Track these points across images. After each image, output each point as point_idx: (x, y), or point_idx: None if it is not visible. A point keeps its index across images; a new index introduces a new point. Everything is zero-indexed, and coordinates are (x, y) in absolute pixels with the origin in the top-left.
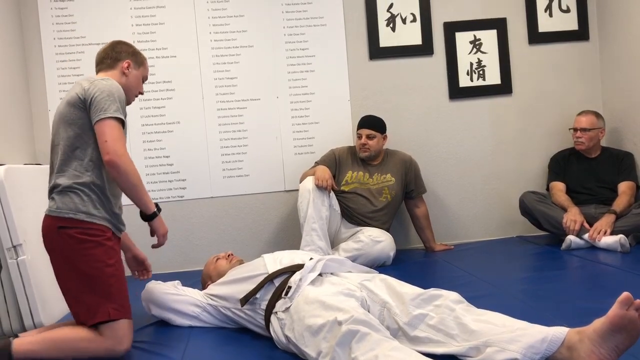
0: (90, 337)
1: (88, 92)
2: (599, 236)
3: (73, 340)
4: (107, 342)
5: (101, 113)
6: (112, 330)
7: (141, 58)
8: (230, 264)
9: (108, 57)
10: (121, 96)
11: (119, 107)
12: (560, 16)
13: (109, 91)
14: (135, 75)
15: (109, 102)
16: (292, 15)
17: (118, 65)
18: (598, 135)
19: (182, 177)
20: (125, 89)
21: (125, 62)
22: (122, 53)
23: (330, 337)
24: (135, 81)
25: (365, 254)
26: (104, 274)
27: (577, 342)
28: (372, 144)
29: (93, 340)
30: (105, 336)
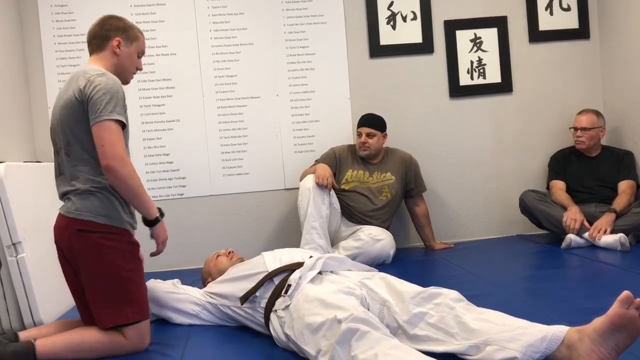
0: (114, 339)
1: (85, 91)
2: (599, 235)
3: (98, 343)
4: (130, 343)
5: (98, 115)
6: (135, 332)
7: (134, 33)
8: (230, 261)
9: (96, 36)
10: (120, 93)
11: (117, 107)
12: (561, 14)
13: (105, 89)
14: (128, 53)
15: (105, 102)
16: (292, 13)
17: (108, 45)
18: (598, 134)
19: (182, 175)
20: (119, 69)
21: (115, 40)
22: (110, 31)
23: (329, 335)
24: (129, 60)
25: (365, 252)
26: (123, 279)
27: (577, 341)
28: (372, 142)
29: (117, 343)
30: (128, 338)
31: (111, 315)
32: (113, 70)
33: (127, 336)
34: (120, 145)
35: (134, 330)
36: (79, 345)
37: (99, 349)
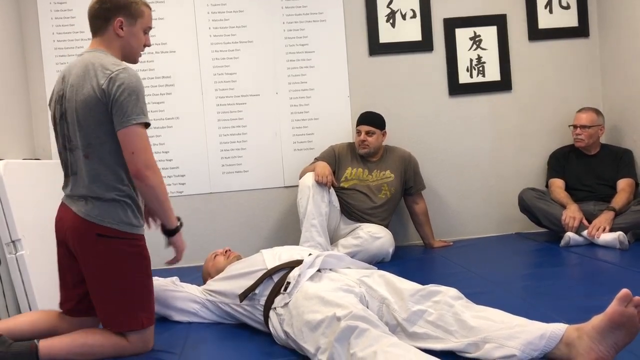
0: (117, 342)
1: (108, 91)
2: (597, 233)
3: (101, 346)
4: (135, 347)
5: (125, 119)
6: (141, 338)
7: (137, 8)
8: (228, 260)
9: (97, 16)
10: (143, 91)
11: (143, 108)
12: (561, 13)
13: (130, 89)
14: (133, 32)
15: (132, 104)
16: (291, 11)
17: (108, 26)
18: (598, 132)
19: (182, 172)
20: (126, 51)
21: (117, 20)
22: (110, 10)
23: (329, 332)
24: (135, 40)
25: (365, 250)
26: (142, 285)
27: (576, 339)
28: (372, 140)
29: (119, 346)
30: (132, 342)
31: (127, 320)
32: (120, 53)
33: (131, 340)
34: (150, 151)
35: (140, 336)
36: (82, 347)
37: (102, 351)
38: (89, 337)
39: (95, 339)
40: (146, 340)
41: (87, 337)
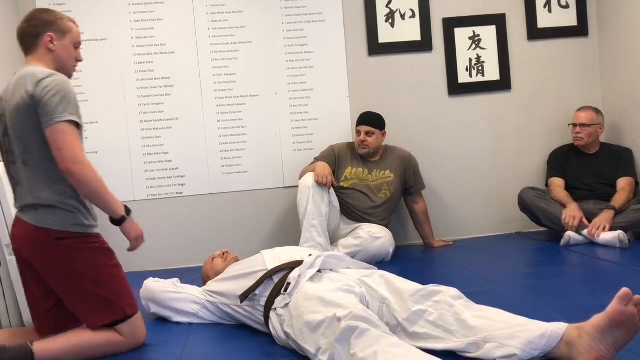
0: (110, 338)
1: (35, 95)
2: (597, 232)
3: (97, 345)
4: (129, 340)
5: (50, 118)
6: (130, 328)
7: (64, 25)
8: (226, 261)
9: (27, 34)
10: (72, 93)
11: (69, 107)
12: (560, 12)
13: (56, 90)
14: (63, 46)
15: (56, 103)
16: (290, 11)
17: (40, 42)
18: (597, 131)
19: (181, 173)
20: (59, 64)
21: (47, 35)
22: (39, 27)
23: (329, 333)
24: (66, 53)
25: (365, 250)
26: (112, 276)
27: (576, 338)
28: (371, 140)
29: (114, 341)
30: (125, 335)
31: (108, 311)
32: (53, 67)
33: (123, 333)
34: (78, 147)
35: (129, 326)
36: (78, 347)
37: (98, 349)
38: (83, 336)
39: (90, 337)
40: (136, 329)
41: (81, 336)
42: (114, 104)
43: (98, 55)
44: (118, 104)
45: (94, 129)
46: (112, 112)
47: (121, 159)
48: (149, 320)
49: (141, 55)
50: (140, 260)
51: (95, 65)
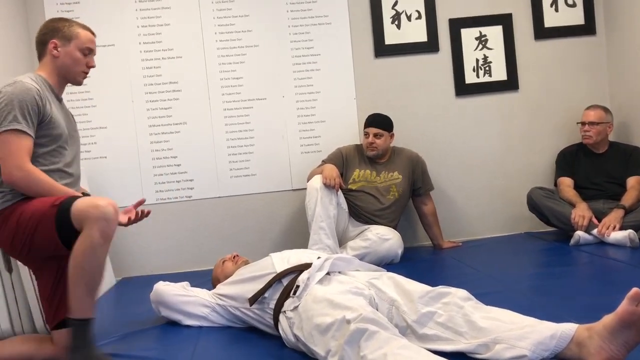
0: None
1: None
2: (607, 231)
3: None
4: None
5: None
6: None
7: (70, 32)
8: (236, 265)
9: (37, 42)
10: (24, 101)
11: (16, 116)
12: (566, 11)
13: (7, 100)
14: (68, 52)
15: (5, 112)
16: (297, 15)
17: (46, 49)
18: (606, 129)
19: (190, 177)
20: (62, 71)
21: (51, 42)
22: (46, 34)
23: (338, 335)
24: (71, 59)
25: (373, 252)
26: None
27: (587, 339)
28: (380, 142)
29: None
30: (57, 345)
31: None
32: (58, 74)
33: (56, 341)
34: (17, 155)
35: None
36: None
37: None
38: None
39: (9, 350)
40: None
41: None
42: (122, 109)
43: (106, 60)
44: (126, 109)
45: (103, 134)
46: (120, 117)
47: (130, 164)
48: (159, 324)
49: (149, 60)
50: (149, 263)
51: (103, 71)
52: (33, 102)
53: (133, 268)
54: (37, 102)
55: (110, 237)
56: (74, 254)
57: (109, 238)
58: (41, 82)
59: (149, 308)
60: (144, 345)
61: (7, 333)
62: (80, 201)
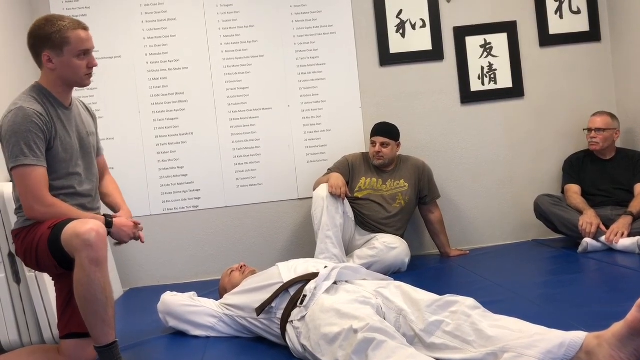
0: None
1: (0, 133)
2: (616, 238)
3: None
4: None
5: (9, 162)
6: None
7: (59, 39)
8: (243, 275)
9: (31, 52)
10: (27, 132)
11: (22, 150)
12: (571, 18)
13: (11, 131)
14: (63, 62)
15: (10, 148)
16: (302, 24)
17: (41, 62)
18: (613, 136)
19: (196, 187)
20: (63, 80)
21: (44, 56)
22: (36, 46)
23: (346, 345)
24: (68, 69)
25: (380, 260)
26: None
27: (596, 347)
28: (386, 151)
29: None
30: (64, 354)
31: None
32: (60, 83)
33: (63, 351)
34: (35, 190)
35: (71, 344)
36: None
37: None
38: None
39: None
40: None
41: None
42: (129, 120)
43: (112, 72)
44: (133, 120)
45: (110, 145)
46: (127, 128)
47: (137, 174)
48: (167, 334)
49: (155, 71)
50: (156, 274)
51: (110, 82)
52: (37, 129)
53: (140, 278)
54: (41, 128)
55: (100, 261)
56: (75, 286)
57: (99, 262)
58: (44, 98)
59: (157, 318)
60: (151, 355)
61: (15, 344)
62: (66, 229)
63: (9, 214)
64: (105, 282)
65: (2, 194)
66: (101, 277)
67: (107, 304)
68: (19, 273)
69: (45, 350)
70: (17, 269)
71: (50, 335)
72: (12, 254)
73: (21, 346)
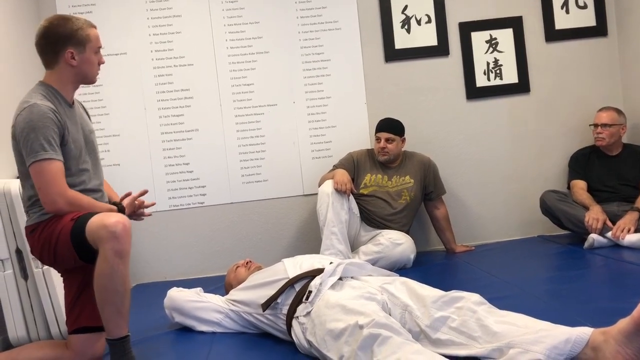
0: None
1: (15, 132)
2: (622, 234)
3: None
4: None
5: (27, 160)
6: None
7: (82, 36)
8: (249, 271)
9: (46, 51)
10: (44, 127)
11: (42, 144)
12: (577, 12)
13: (29, 127)
14: (85, 59)
15: (29, 143)
16: (306, 20)
17: (60, 59)
18: (619, 131)
19: (202, 183)
20: (80, 77)
21: (67, 52)
22: (58, 43)
23: (351, 341)
24: (88, 65)
25: (386, 256)
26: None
27: (602, 343)
28: (391, 147)
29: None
30: (72, 349)
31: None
32: (72, 81)
33: (71, 346)
34: (55, 184)
35: (79, 339)
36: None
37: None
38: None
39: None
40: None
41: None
42: (135, 116)
43: (118, 69)
44: (139, 116)
45: (116, 141)
46: (133, 125)
47: (143, 171)
48: (173, 330)
49: (160, 68)
50: (163, 270)
51: (115, 79)
52: (53, 125)
53: (146, 274)
54: (56, 124)
55: (124, 253)
56: (95, 277)
57: (123, 255)
58: (52, 97)
59: (163, 314)
60: (158, 351)
61: (23, 339)
62: (92, 221)
63: (17, 211)
64: (126, 275)
65: (9, 191)
66: (123, 269)
67: (125, 296)
68: (27, 269)
69: (53, 345)
70: (25, 265)
71: (57, 330)
72: (19, 250)
73: (29, 342)
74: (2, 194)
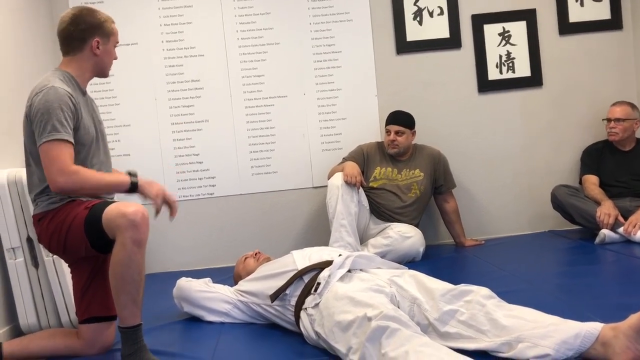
0: (70, 345)
1: (29, 112)
2: (634, 230)
3: (55, 350)
4: (85, 346)
5: (38, 140)
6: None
7: (108, 28)
8: (258, 262)
9: (73, 37)
10: (56, 109)
11: (54, 126)
12: (592, 5)
13: (43, 110)
14: (107, 50)
15: (42, 124)
16: (318, 12)
17: (85, 46)
18: (633, 126)
19: (212, 174)
20: (98, 68)
21: (94, 41)
22: (87, 31)
23: (360, 332)
24: (108, 57)
25: (395, 249)
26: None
27: (612, 338)
28: (401, 140)
29: (72, 347)
30: (82, 338)
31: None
32: (92, 71)
33: (81, 335)
34: (58, 161)
35: (89, 329)
36: (42, 348)
37: (56, 353)
38: (46, 341)
39: (53, 344)
40: (96, 336)
41: (44, 341)
42: (145, 107)
43: (129, 59)
44: (149, 107)
45: (126, 132)
46: (143, 115)
47: (153, 161)
48: (182, 319)
49: (171, 58)
50: (172, 260)
51: (126, 69)
52: (68, 109)
53: (156, 264)
54: (70, 108)
55: (142, 242)
56: (112, 265)
57: (141, 244)
58: (69, 82)
59: (172, 304)
60: (166, 340)
61: (34, 327)
62: (109, 209)
63: (27, 199)
64: (142, 264)
65: (20, 179)
66: (140, 258)
67: (140, 285)
68: (37, 257)
69: (64, 333)
70: (36, 253)
71: (67, 318)
72: (30, 239)
73: (39, 329)
74: (13, 183)
